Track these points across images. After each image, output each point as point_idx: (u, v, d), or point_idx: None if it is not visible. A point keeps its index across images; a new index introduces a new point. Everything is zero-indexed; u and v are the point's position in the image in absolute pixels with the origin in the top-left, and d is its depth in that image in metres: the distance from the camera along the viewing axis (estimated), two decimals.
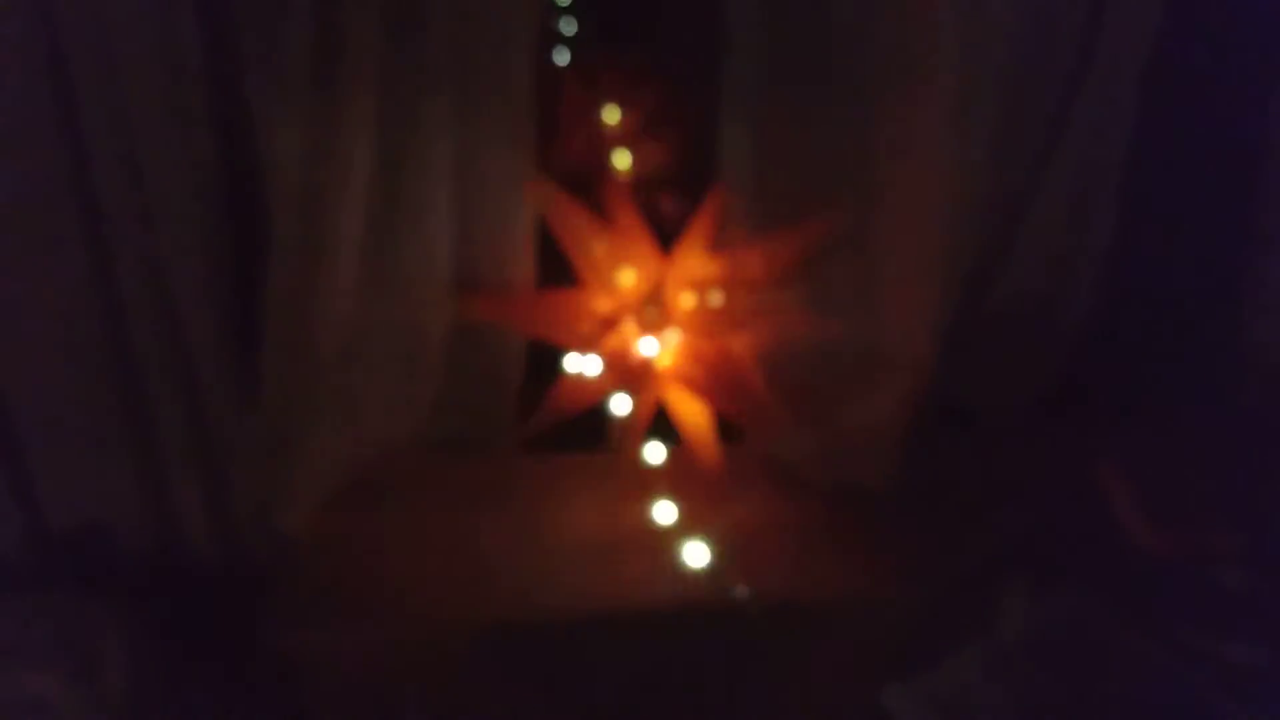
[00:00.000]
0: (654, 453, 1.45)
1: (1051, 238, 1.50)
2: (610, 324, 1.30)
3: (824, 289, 1.38)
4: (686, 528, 1.38)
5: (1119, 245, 1.53)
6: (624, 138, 1.59)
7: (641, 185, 1.62)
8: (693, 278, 1.32)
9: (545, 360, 1.45)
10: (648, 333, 1.29)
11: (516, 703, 1.37)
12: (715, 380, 1.30)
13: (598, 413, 1.43)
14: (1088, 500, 1.30)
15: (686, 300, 1.30)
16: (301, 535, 1.37)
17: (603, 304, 1.36)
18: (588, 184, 1.48)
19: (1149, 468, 1.29)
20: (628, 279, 1.35)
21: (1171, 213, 1.59)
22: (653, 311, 1.28)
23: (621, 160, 1.46)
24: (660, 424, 1.42)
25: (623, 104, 1.67)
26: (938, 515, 1.41)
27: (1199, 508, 1.24)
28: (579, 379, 1.39)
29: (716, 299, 1.28)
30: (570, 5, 1.52)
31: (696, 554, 1.32)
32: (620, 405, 1.25)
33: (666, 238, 1.38)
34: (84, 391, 1.38)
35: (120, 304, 1.33)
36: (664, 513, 1.39)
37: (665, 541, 1.36)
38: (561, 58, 1.56)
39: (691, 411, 1.38)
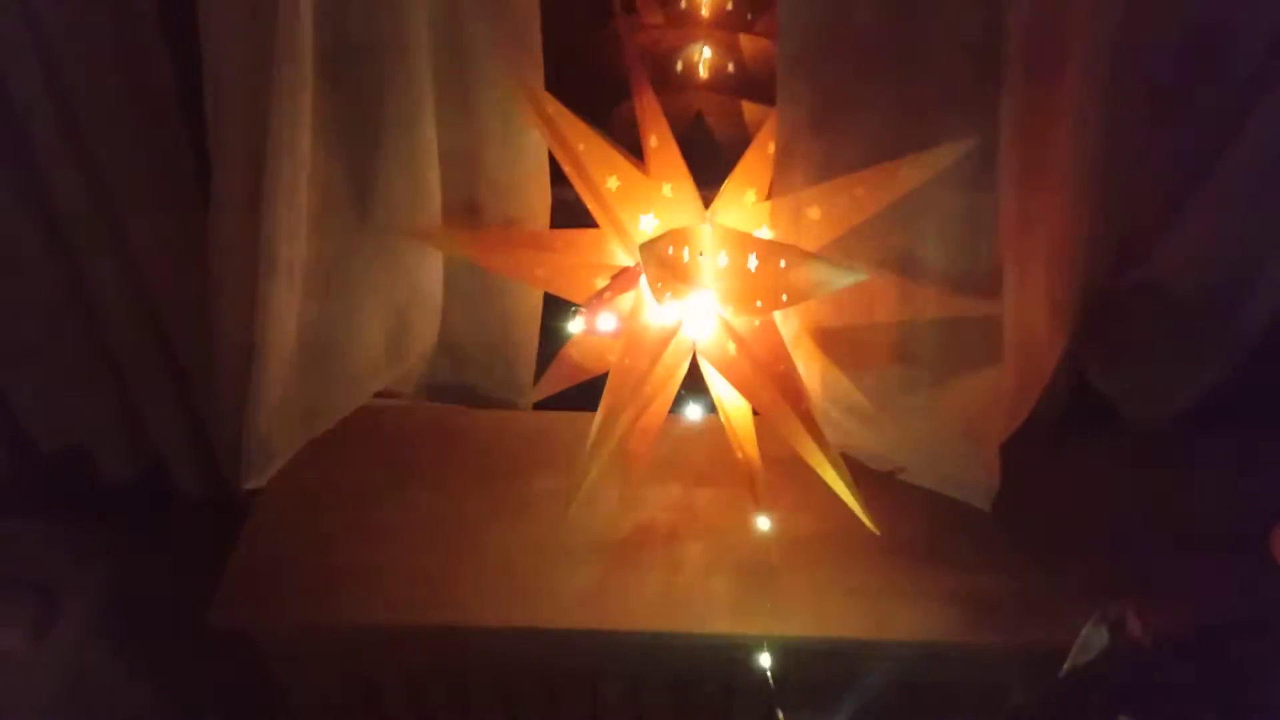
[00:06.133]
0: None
1: (1240, 207, 1.10)
2: (625, 282, 1.02)
3: (911, 249, 1.05)
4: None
5: None
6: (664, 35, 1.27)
7: (682, 103, 1.31)
8: (737, 230, 1.02)
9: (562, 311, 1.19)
10: (673, 296, 0.99)
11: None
12: (753, 364, 1.01)
13: None
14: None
15: (727, 258, 1.00)
16: (271, 487, 1.20)
17: (616, 256, 1.07)
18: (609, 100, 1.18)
19: None
20: (652, 227, 1.05)
21: None
22: (683, 268, 0.99)
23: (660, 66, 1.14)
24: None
25: None
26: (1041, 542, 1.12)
27: None
28: (594, 340, 1.13)
29: (767, 257, 0.96)
30: None
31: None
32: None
33: (704, 175, 1.08)
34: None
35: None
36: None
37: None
38: None
39: (727, 399, 1.10)
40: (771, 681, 1.06)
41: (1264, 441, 1.20)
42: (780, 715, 1.07)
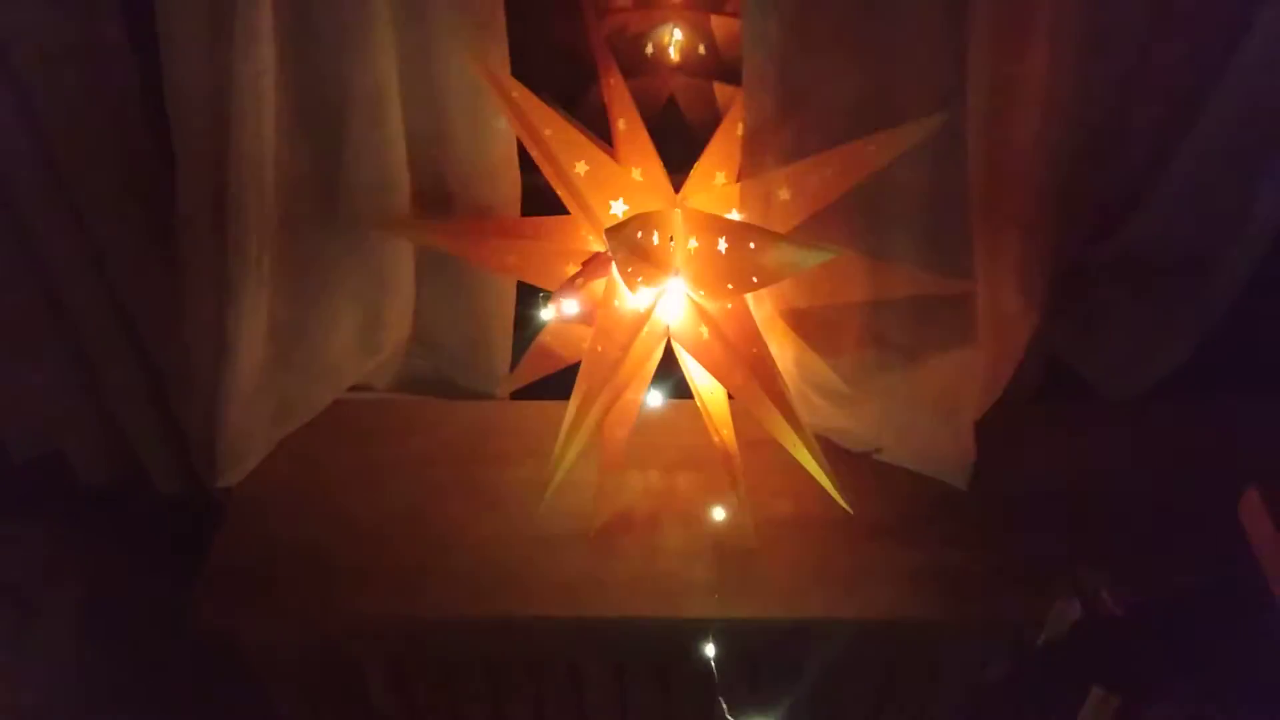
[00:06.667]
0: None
1: (1207, 181, 1.10)
2: (597, 268, 1.01)
3: (882, 228, 1.04)
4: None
5: None
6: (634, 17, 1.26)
7: (653, 87, 1.31)
8: (706, 212, 1.00)
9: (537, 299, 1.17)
10: (645, 282, 0.98)
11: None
12: (726, 347, 1.00)
13: None
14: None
15: (697, 241, 0.99)
16: (246, 485, 1.18)
17: (588, 242, 1.06)
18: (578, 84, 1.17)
19: None
20: (623, 212, 1.04)
21: None
22: (653, 253, 0.97)
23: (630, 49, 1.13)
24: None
25: None
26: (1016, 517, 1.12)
27: None
28: (569, 328, 1.12)
29: (736, 239, 0.94)
30: None
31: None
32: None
33: (677, 159, 1.06)
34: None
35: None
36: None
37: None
38: None
39: (702, 383, 1.09)
40: (714, 669, 1.06)
41: (1233, 411, 1.20)
42: (723, 704, 1.07)
